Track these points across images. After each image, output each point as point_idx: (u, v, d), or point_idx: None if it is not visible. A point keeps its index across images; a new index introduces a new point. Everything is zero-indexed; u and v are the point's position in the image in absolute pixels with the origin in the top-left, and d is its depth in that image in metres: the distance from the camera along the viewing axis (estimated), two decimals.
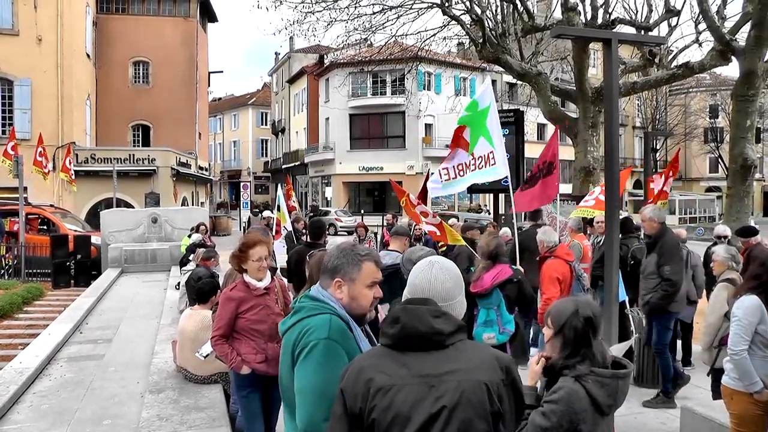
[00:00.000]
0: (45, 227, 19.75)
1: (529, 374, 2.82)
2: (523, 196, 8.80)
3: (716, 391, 5.86)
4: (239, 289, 4.49)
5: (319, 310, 2.46)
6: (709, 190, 57.34)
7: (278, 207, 13.17)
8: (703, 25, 14.91)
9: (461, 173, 8.54)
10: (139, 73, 36.67)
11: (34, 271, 16.70)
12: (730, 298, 5.23)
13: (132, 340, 8.57)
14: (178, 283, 10.79)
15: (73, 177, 23.08)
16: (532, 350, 8.10)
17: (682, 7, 20.75)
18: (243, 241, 4.63)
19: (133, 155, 30.48)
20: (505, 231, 9.85)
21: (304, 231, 13.66)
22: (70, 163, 22.79)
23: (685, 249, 8.22)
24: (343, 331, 2.43)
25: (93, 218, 24.14)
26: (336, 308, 2.48)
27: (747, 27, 12.79)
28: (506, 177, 8.27)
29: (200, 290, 6.05)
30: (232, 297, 4.47)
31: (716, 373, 5.67)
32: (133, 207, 26.00)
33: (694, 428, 5.32)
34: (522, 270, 6.25)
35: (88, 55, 32.63)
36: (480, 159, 8.21)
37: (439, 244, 12.94)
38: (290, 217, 13.04)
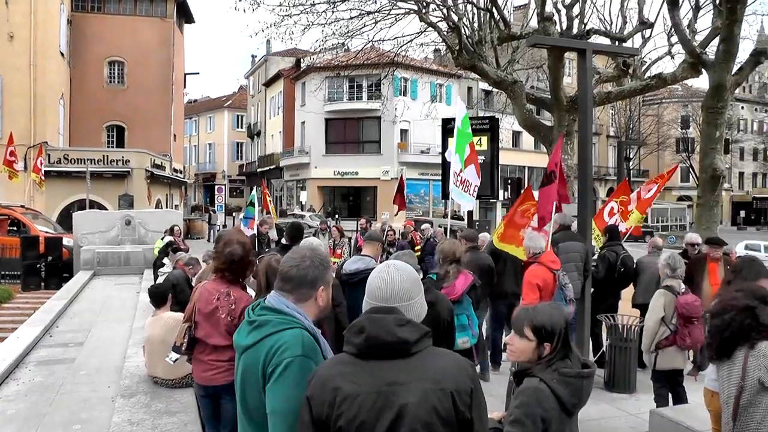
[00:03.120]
0: (15, 228, 19.44)
1: (495, 414, 2.82)
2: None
3: (658, 393, 6.23)
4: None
5: (287, 325, 2.38)
6: (681, 199, 58.26)
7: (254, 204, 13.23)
8: (675, 38, 15.19)
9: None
10: (114, 73, 36.34)
11: (3, 273, 16.45)
12: (667, 305, 5.77)
13: (104, 344, 8.47)
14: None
15: (43, 177, 22.74)
16: (503, 355, 8.21)
17: (656, 19, 21.10)
18: (248, 248, 4.33)
19: (107, 156, 30.20)
20: (484, 236, 9.93)
21: (275, 238, 13.72)
22: (41, 163, 22.47)
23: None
24: (314, 345, 2.38)
25: (65, 220, 23.82)
26: (303, 321, 2.42)
27: (717, 41, 13.03)
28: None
29: (155, 294, 6.03)
30: None
31: (656, 375, 6.17)
32: (106, 209, 25.73)
33: None
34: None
35: (62, 54, 32.22)
36: (454, 175, 8.85)
37: (416, 248, 13.09)
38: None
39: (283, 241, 7.87)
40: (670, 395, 6.22)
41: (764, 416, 3.55)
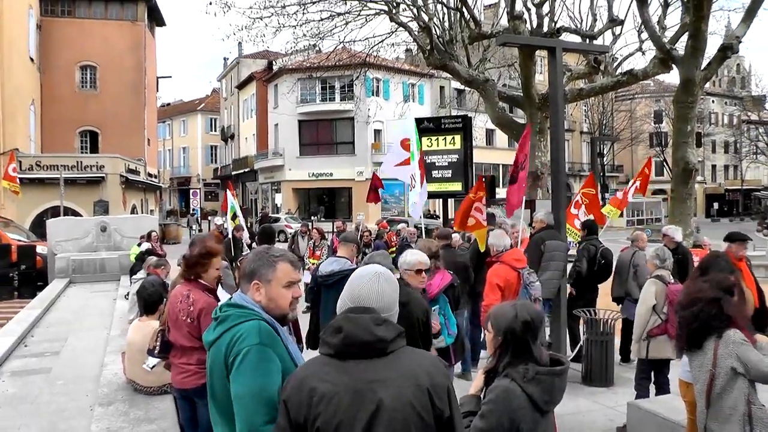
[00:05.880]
0: None
1: (474, 384, 2.91)
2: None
3: (639, 383, 6.32)
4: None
5: (246, 317, 2.51)
6: (656, 193, 58.91)
7: (234, 214, 13.16)
8: (645, 34, 15.39)
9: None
10: (86, 78, 35.92)
11: None
12: (658, 294, 5.81)
13: (81, 353, 8.36)
14: (128, 293, 10.59)
15: (18, 184, 22.37)
16: (483, 353, 8.25)
17: (625, 16, 21.34)
18: (207, 248, 4.41)
19: (81, 162, 29.79)
20: (457, 237, 9.97)
21: (248, 242, 13.70)
22: (14, 170, 22.11)
23: (633, 249, 8.55)
24: (272, 334, 2.49)
25: (38, 227, 23.50)
26: (261, 313, 2.54)
27: (686, 37, 13.22)
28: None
29: (147, 300, 5.97)
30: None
31: (642, 364, 6.22)
32: (81, 215, 25.41)
33: (640, 423, 5.51)
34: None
35: (31, 59, 31.72)
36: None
37: (390, 249, 13.08)
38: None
39: (254, 245, 7.90)
40: (652, 386, 6.31)
41: (736, 402, 3.66)
